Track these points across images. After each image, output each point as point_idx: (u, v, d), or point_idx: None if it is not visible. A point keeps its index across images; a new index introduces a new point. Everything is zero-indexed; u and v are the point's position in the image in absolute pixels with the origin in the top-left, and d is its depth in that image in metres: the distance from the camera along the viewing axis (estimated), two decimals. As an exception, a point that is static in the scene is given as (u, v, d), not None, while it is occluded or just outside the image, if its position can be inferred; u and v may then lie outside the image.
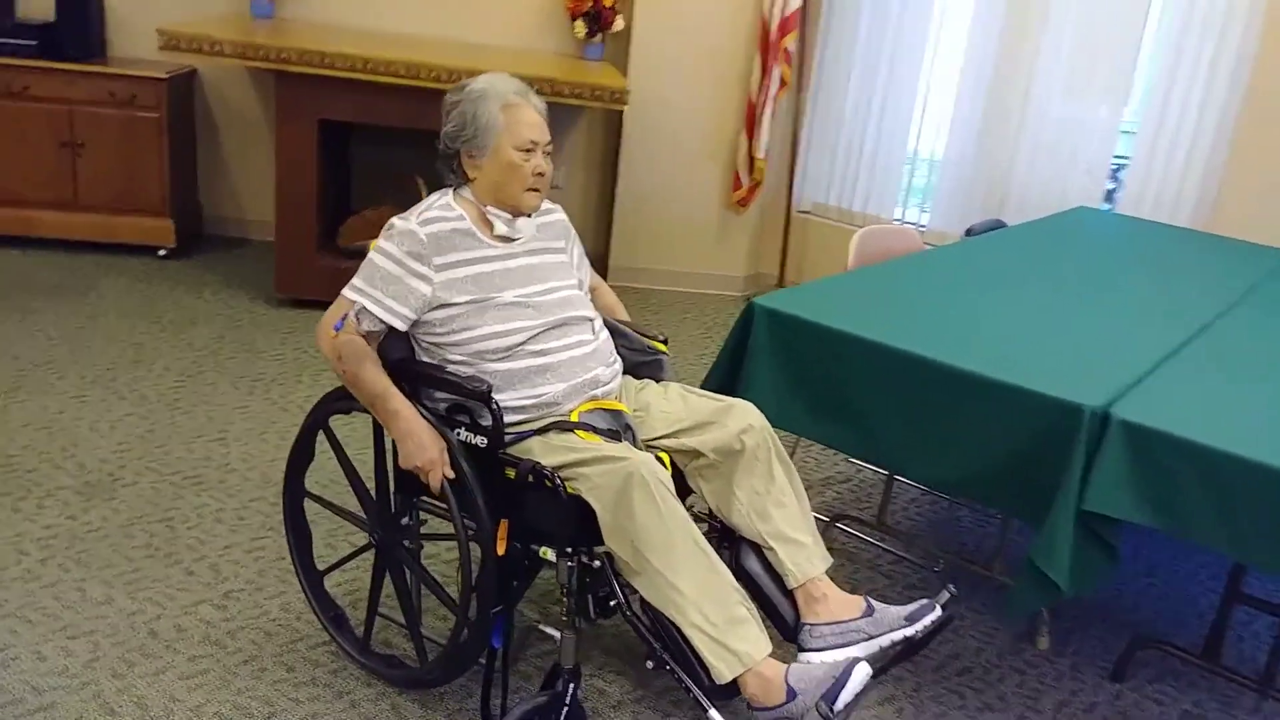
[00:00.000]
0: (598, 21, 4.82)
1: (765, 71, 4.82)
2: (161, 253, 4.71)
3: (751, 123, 4.91)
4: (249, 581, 2.51)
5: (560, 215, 2.28)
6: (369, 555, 2.25)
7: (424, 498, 2.12)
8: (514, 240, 2.12)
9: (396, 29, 4.86)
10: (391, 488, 2.15)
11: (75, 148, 4.49)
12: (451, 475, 1.96)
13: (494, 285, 2.06)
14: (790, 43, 4.79)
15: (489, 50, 4.70)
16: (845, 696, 1.75)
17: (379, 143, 4.64)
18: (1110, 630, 2.72)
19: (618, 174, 5.03)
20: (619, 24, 4.85)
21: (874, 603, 2.03)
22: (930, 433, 2.22)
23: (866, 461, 2.42)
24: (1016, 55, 4.48)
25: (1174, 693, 2.50)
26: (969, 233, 3.68)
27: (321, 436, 2.22)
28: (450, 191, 2.13)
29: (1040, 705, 2.41)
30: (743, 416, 2.09)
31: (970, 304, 2.64)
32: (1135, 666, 2.56)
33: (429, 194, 2.16)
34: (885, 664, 2.03)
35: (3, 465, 2.88)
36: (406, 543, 2.19)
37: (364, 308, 2.00)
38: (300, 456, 2.27)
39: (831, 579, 2.09)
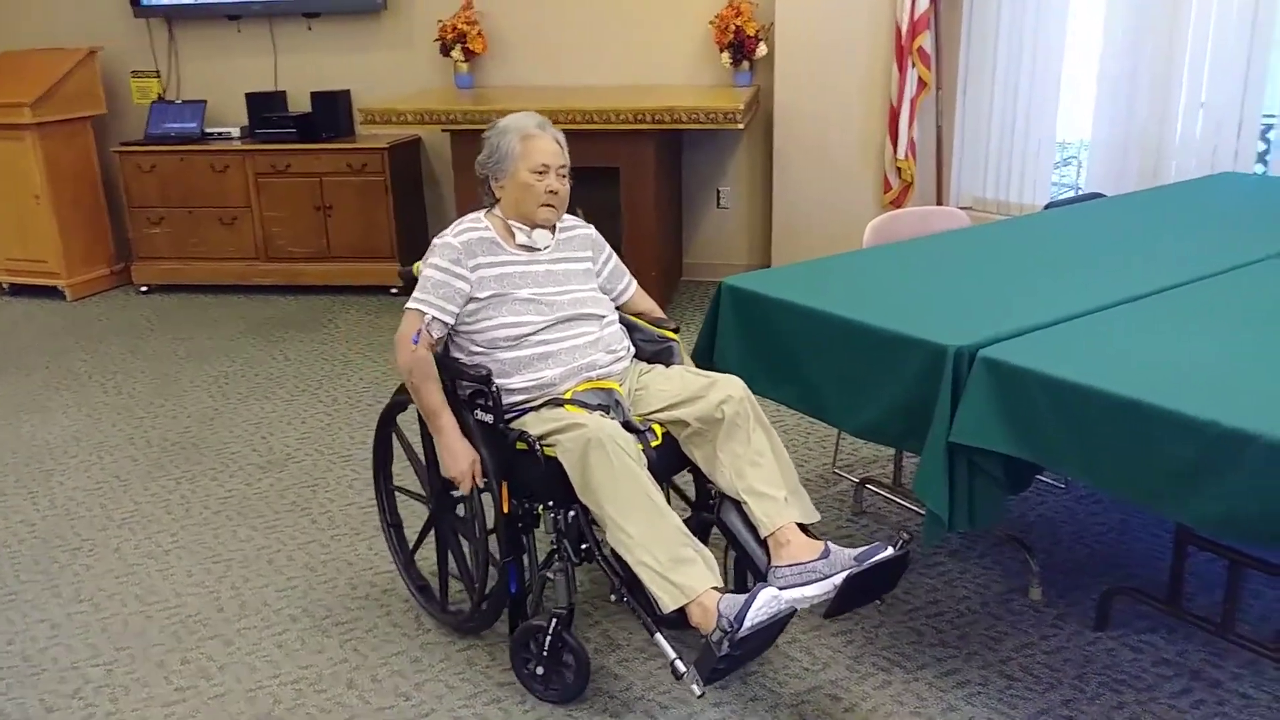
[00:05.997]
0: (741, 50, 5.24)
1: (901, 74, 4.99)
2: (393, 290, 5.69)
3: (894, 126, 5.08)
4: (352, 529, 3.20)
5: (587, 231, 2.67)
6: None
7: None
8: (536, 250, 2.52)
9: (576, 80, 5.58)
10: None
11: (325, 210, 5.61)
12: (481, 485, 2.35)
13: (513, 284, 2.45)
14: (924, 43, 4.93)
15: (652, 88, 5.27)
16: (753, 616, 2.00)
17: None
18: (1112, 582, 2.72)
19: (773, 188, 5.39)
20: (762, 50, 5.23)
21: (832, 546, 2.23)
22: (847, 384, 2.46)
23: (814, 417, 2.65)
24: (1155, 25, 4.34)
25: (1153, 639, 2.49)
26: (1048, 207, 3.69)
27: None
28: (484, 210, 2.60)
29: (1000, 646, 2.51)
30: (724, 389, 2.36)
31: (921, 274, 2.76)
32: (1125, 616, 2.57)
33: (586, 223, 2.64)
34: (848, 603, 2.21)
35: (216, 448, 3.82)
36: (459, 511, 2.57)
37: (434, 318, 2.39)
38: (382, 453, 2.78)
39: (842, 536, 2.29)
